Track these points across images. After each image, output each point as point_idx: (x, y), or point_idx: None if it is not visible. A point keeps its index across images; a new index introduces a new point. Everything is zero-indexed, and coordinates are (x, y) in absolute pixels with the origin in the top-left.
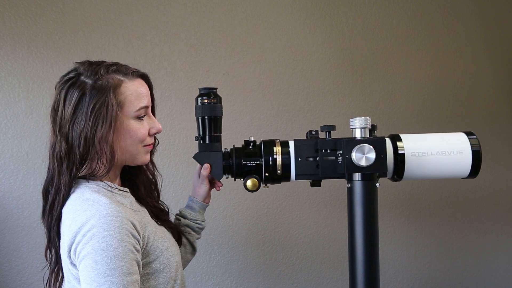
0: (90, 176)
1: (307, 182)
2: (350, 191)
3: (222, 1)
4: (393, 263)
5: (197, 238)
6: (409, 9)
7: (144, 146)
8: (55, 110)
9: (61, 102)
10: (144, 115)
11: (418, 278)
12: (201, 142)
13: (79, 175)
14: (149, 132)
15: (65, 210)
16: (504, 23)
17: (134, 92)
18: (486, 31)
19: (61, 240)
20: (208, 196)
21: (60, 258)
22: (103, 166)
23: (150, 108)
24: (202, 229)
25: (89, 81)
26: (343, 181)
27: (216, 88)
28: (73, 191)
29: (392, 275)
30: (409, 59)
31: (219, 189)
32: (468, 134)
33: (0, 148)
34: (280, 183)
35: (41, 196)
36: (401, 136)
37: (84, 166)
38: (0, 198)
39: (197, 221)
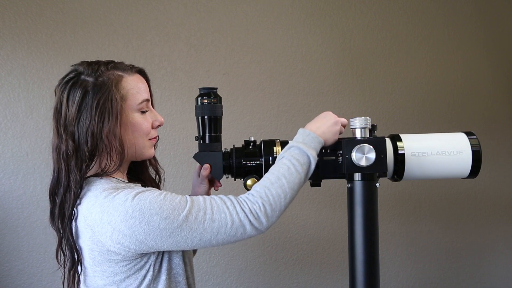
0: (102, 173)
1: (307, 182)
2: (350, 191)
3: (222, 1)
4: (393, 263)
5: None
6: (409, 9)
7: (149, 139)
8: (58, 111)
9: (64, 102)
10: (147, 109)
11: (418, 278)
12: (201, 142)
13: (90, 174)
14: (152, 125)
15: (86, 207)
16: (504, 23)
17: (134, 86)
18: (486, 31)
19: (90, 234)
20: (208, 195)
21: (79, 254)
22: (113, 161)
23: (150, 102)
24: None
25: (90, 79)
26: (343, 181)
27: (216, 88)
28: (89, 189)
29: (392, 275)
30: (409, 59)
31: (217, 189)
32: (468, 134)
33: (0, 148)
34: None
35: (46, 198)
36: (401, 136)
37: (94, 164)
38: (0, 198)
39: None
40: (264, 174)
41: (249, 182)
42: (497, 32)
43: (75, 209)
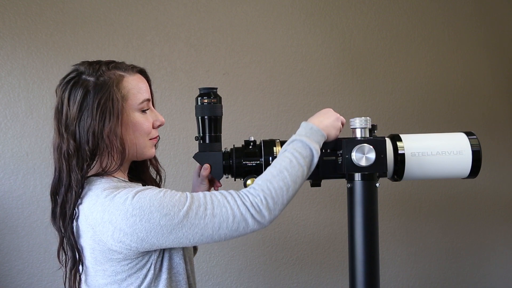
0: (103, 173)
1: (307, 182)
2: (350, 191)
3: (222, 1)
4: (393, 263)
5: None
6: (409, 9)
7: (150, 139)
8: (59, 111)
9: (65, 102)
10: (147, 109)
11: (418, 278)
12: (201, 142)
13: (91, 174)
14: (153, 125)
15: (88, 206)
16: (504, 23)
17: (135, 86)
18: (486, 31)
19: (92, 234)
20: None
21: (80, 253)
22: (114, 161)
23: (151, 102)
24: None
25: (91, 79)
26: (343, 181)
27: (216, 88)
28: (90, 189)
29: (392, 275)
30: (409, 59)
31: (217, 190)
32: (468, 134)
33: (0, 148)
34: None
35: (46, 198)
36: (401, 136)
37: (95, 163)
38: (0, 198)
39: None
40: None
41: (249, 182)
42: (497, 32)
43: (76, 208)
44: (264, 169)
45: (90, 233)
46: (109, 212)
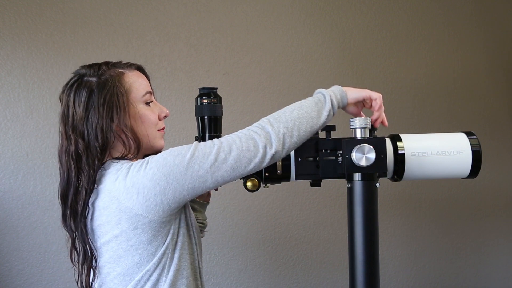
0: (120, 159)
1: (307, 182)
2: (350, 191)
3: (222, 1)
4: (393, 263)
5: (201, 237)
6: (409, 9)
7: (158, 130)
8: (65, 115)
9: (71, 104)
10: (151, 101)
11: (418, 278)
12: (201, 142)
13: (106, 160)
14: (158, 117)
15: (110, 182)
16: (504, 23)
17: (136, 80)
18: (486, 31)
19: (117, 204)
20: (208, 195)
21: (91, 248)
22: (129, 152)
23: (153, 95)
24: (204, 227)
25: (93, 79)
26: (343, 181)
27: (216, 88)
28: (108, 168)
29: (392, 274)
30: (409, 59)
31: (217, 189)
32: (468, 134)
33: (0, 148)
34: (280, 183)
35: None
36: (401, 136)
37: (106, 158)
38: (0, 198)
39: (199, 220)
40: (264, 174)
41: (248, 182)
42: (497, 32)
43: (95, 191)
44: (264, 169)
45: (115, 205)
46: (130, 177)
